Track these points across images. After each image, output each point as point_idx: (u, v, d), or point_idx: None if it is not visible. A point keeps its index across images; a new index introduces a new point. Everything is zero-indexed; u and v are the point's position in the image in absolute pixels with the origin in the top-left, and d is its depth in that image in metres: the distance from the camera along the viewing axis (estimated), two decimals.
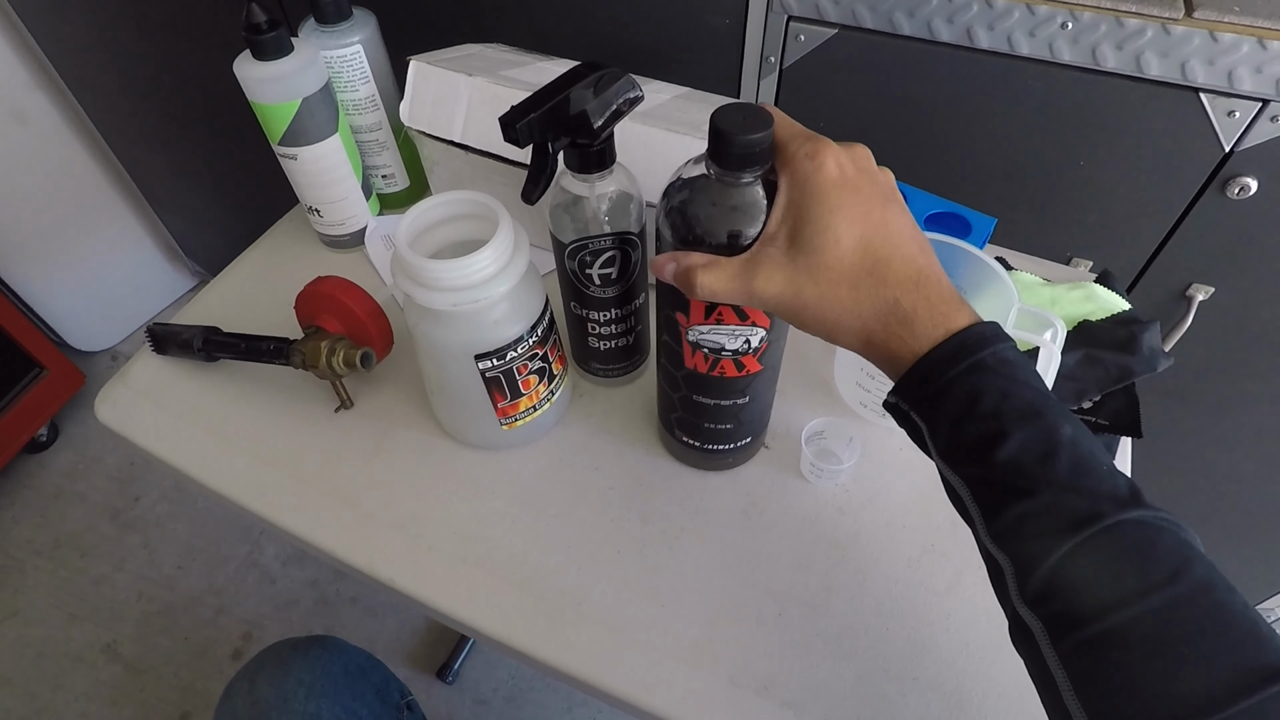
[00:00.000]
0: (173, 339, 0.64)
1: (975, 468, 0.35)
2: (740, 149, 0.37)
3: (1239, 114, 0.66)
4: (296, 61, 0.60)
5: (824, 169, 0.36)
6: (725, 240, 0.39)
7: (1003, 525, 0.34)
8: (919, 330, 0.36)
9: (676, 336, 0.46)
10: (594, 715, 1.21)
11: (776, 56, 0.78)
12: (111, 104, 1.39)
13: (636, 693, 0.48)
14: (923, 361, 0.35)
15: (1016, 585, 0.33)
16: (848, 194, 0.36)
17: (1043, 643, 0.32)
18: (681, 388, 0.50)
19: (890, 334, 0.36)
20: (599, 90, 0.44)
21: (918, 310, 0.36)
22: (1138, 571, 0.30)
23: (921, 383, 0.36)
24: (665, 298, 0.45)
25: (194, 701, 1.24)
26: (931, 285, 0.36)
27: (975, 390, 0.34)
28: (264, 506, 0.57)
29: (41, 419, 1.50)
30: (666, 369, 0.50)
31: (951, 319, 0.36)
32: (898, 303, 0.36)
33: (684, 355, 0.47)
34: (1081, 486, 0.32)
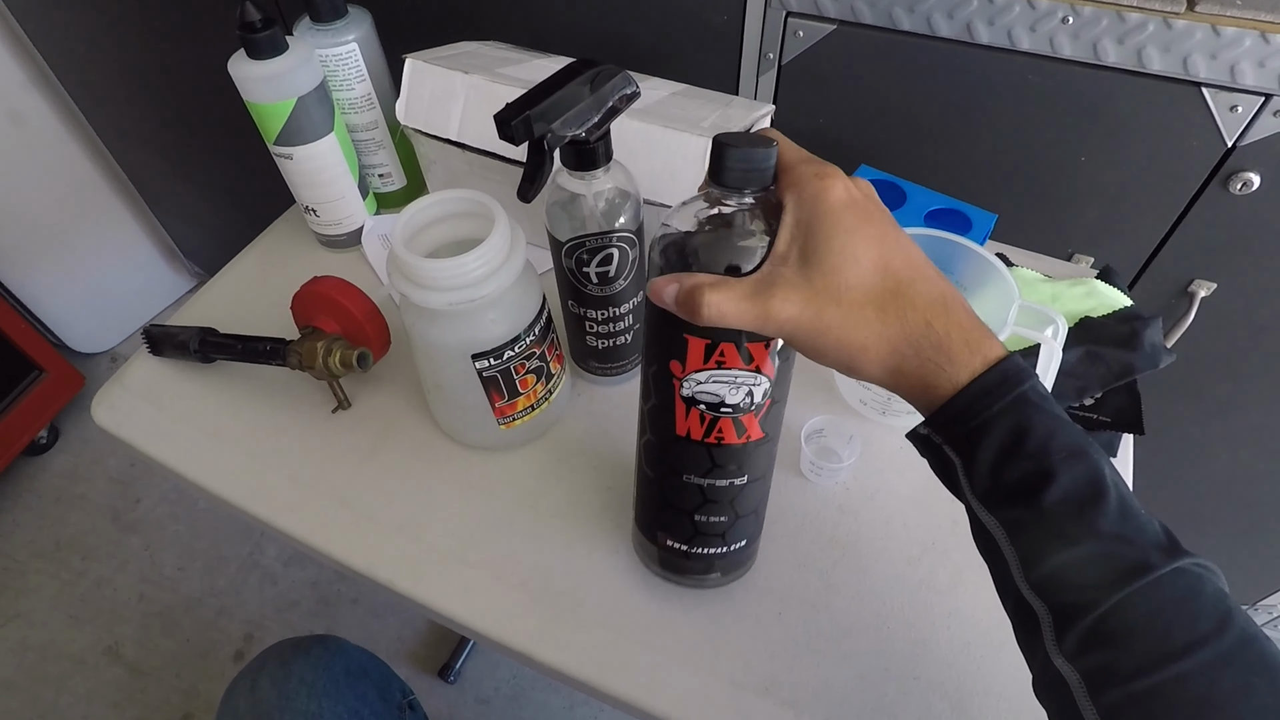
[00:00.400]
0: (169, 340, 0.63)
1: (1017, 510, 0.32)
2: (742, 162, 0.35)
3: (1241, 108, 0.66)
4: (291, 60, 0.59)
5: (834, 190, 0.34)
6: (724, 272, 0.36)
7: (1045, 573, 0.32)
8: (956, 357, 0.33)
9: (668, 395, 0.40)
10: (596, 714, 1.20)
11: (775, 53, 0.77)
12: (108, 104, 1.39)
13: (637, 694, 0.48)
14: (964, 393, 0.33)
15: (1054, 635, 0.31)
16: (860, 216, 0.34)
17: (1080, 696, 0.30)
18: (669, 469, 0.44)
19: (925, 361, 0.33)
20: (595, 87, 0.44)
21: (951, 335, 0.33)
22: (1186, 625, 0.29)
23: (962, 416, 0.33)
24: (657, 347, 0.39)
25: (196, 703, 1.24)
26: (959, 310, 0.34)
27: (1021, 426, 0.32)
28: (262, 508, 0.57)
29: (41, 421, 1.50)
30: (651, 448, 0.44)
31: (986, 347, 0.33)
32: (930, 326, 0.33)
33: (676, 419, 0.40)
34: (1128, 534, 0.31)
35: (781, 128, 0.73)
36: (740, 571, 0.51)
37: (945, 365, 0.33)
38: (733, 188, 0.35)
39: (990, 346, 0.34)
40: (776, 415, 0.41)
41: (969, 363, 0.33)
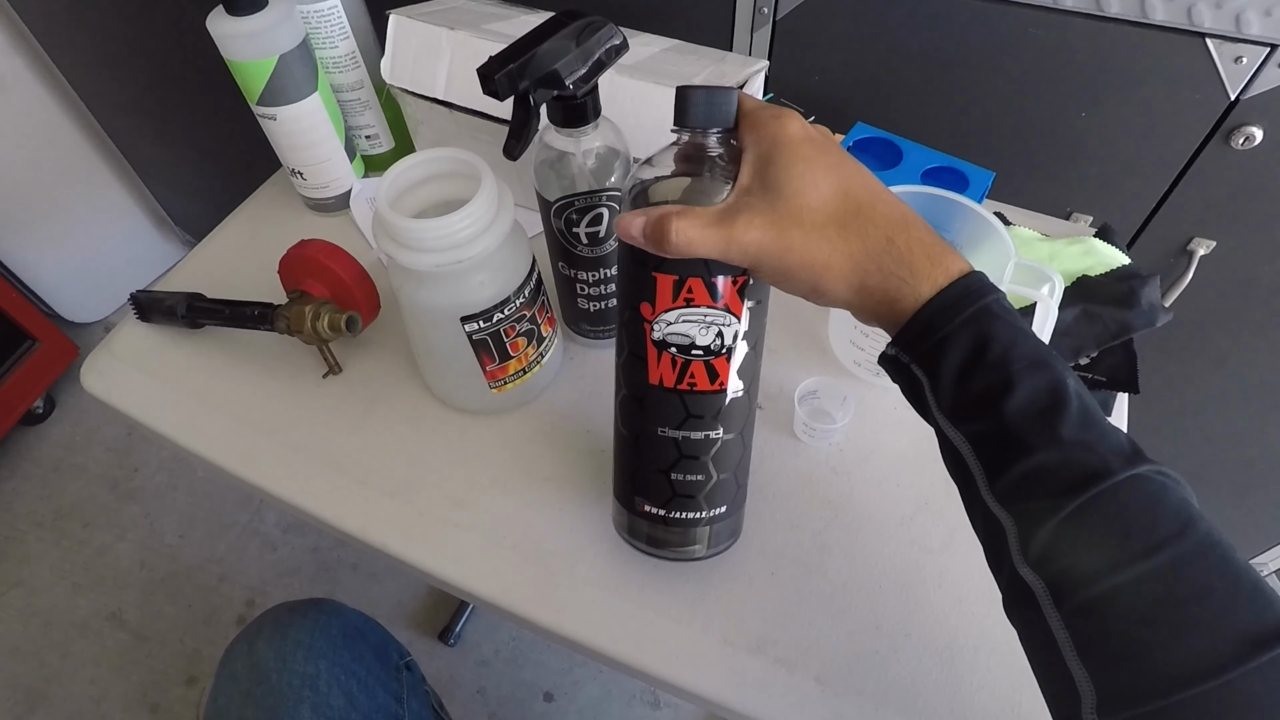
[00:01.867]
0: (156, 306, 0.63)
1: (980, 422, 0.33)
2: (702, 101, 0.37)
3: (1246, 60, 0.64)
4: (271, 16, 0.58)
5: (790, 126, 0.36)
6: (652, 200, 0.38)
7: (1008, 482, 0.32)
8: (919, 271, 0.34)
9: (640, 342, 0.40)
10: (595, 674, 1.22)
11: (770, 7, 0.75)
12: (92, 69, 1.36)
13: (630, 653, 0.48)
14: (927, 307, 0.34)
15: (1019, 545, 0.32)
16: (817, 148, 0.36)
17: (1045, 603, 0.31)
18: (644, 422, 0.42)
19: (888, 276, 0.34)
20: (581, 39, 0.43)
21: (913, 250, 0.34)
22: (1144, 529, 0.29)
23: (926, 330, 0.34)
24: (628, 290, 0.40)
25: (200, 667, 1.26)
26: (920, 228, 0.35)
27: (983, 337, 0.33)
28: (254, 473, 0.57)
29: (37, 391, 1.50)
30: (626, 404, 0.43)
31: (948, 261, 0.34)
32: (891, 242, 0.34)
33: (649, 366, 0.40)
34: (1089, 441, 0.31)
35: (776, 85, 0.72)
36: (723, 545, 0.48)
37: (908, 278, 0.34)
38: (695, 126, 0.38)
39: (952, 261, 0.34)
40: (752, 367, 0.41)
41: (931, 275, 0.34)
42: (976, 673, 0.46)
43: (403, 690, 0.71)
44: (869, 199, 0.35)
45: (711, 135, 0.38)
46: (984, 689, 0.45)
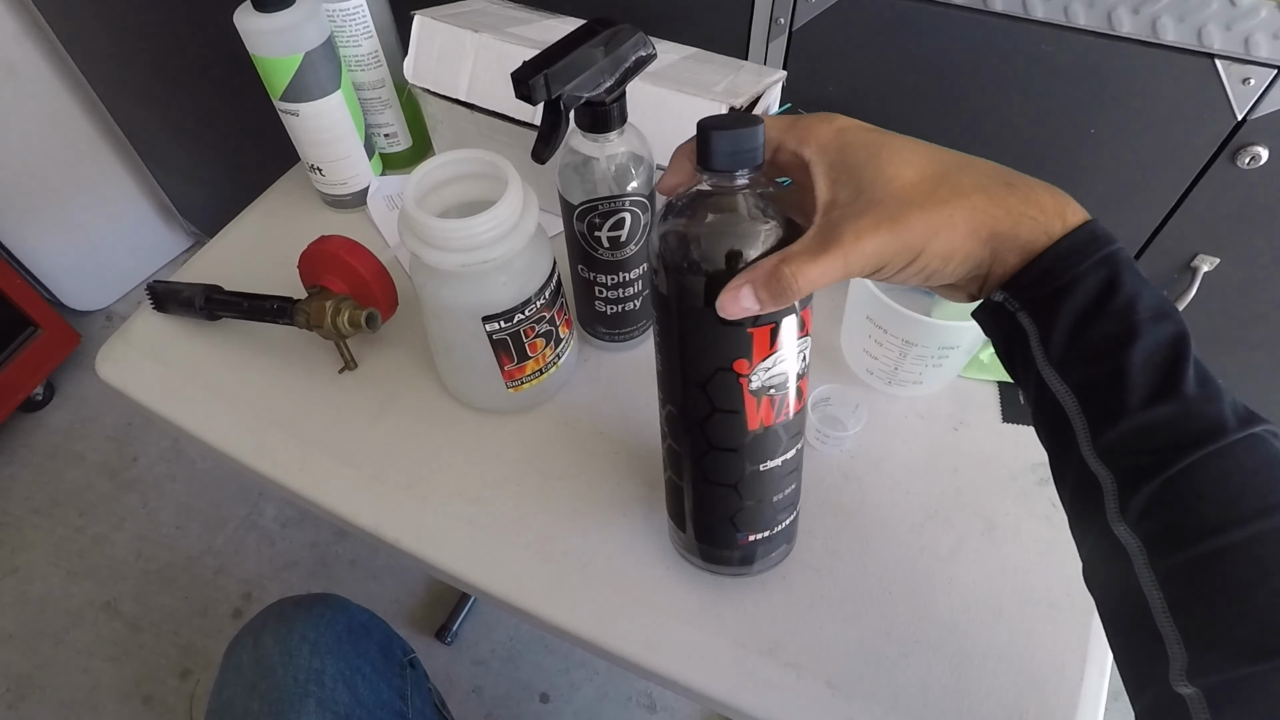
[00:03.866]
0: (173, 297, 0.63)
1: (1093, 370, 0.31)
2: (730, 144, 0.33)
3: (1254, 81, 0.65)
4: (298, 14, 0.58)
5: (844, 122, 0.35)
6: (724, 262, 0.34)
7: (1116, 436, 0.31)
8: (1048, 208, 0.32)
9: (735, 396, 0.38)
10: (591, 676, 1.22)
11: (786, 18, 0.76)
12: (105, 57, 1.36)
13: (641, 653, 0.48)
14: (1051, 250, 0.31)
15: (1118, 502, 0.30)
16: (882, 133, 0.34)
17: (1138, 562, 0.29)
18: (748, 463, 0.41)
19: (1019, 218, 0.32)
20: (612, 47, 0.43)
21: (1034, 189, 0.32)
22: (1260, 489, 0.28)
23: (1046, 274, 0.32)
24: (714, 356, 0.37)
25: (194, 659, 1.25)
26: (1021, 174, 0.33)
27: (1111, 283, 0.31)
28: (268, 466, 0.57)
29: (38, 378, 1.49)
30: (720, 459, 0.42)
31: (1070, 204, 0.32)
32: (1010, 186, 0.32)
33: (747, 416, 0.39)
34: (1207, 396, 0.30)
35: (790, 95, 0.73)
36: (792, 542, 0.50)
37: (1039, 216, 0.32)
38: (723, 171, 0.34)
39: (1069, 200, 0.32)
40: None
41: (1061, 214, 0.32)
42: (985, 679, 0.47)
43: (407, 687, 0.72)
44: (962, 159, 0.34)
45: (741, 177, 0.35)
46: (992, 696, 0.46)
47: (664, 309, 0.38)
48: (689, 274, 0.35)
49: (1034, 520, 0.53)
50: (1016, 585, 0.51)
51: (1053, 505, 0.54)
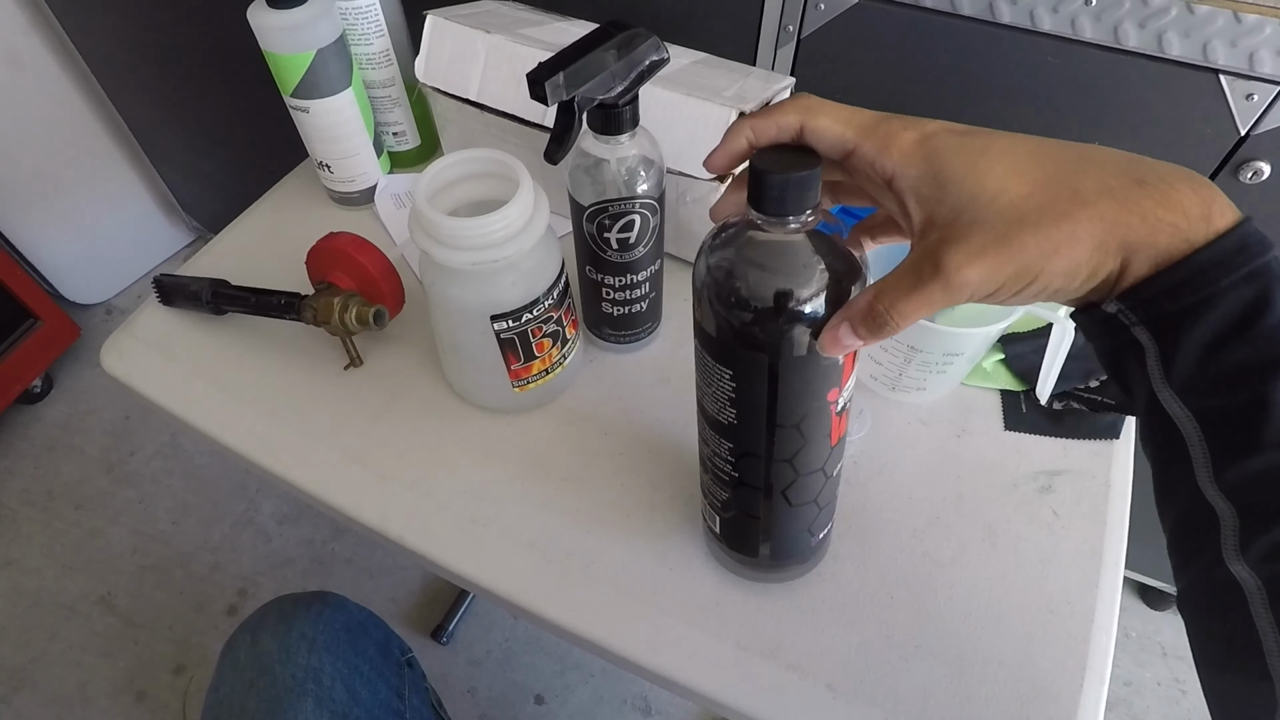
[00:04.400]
0: (180, 291, 0.63)
1: (1224, 398, 0.28)
2: (785, 190, 0.31)
3: (1257, 97, 0.66)
4: (311, 11, 0.59)
5: (928, 128, 0.30)
6: (773, 303, 0.33)
7: (1245, 472, 0.28)
8: (1190, 207, 0.27)
9: (824, 423, 0.38)
10: (586, 678, 1.22)
11: (795, 25, 0.77)
12: (110, 51, 1.36)
13: (643, 654, 0.49)
14: (1189, 262, 0.26)
15: (1237, 539, 0.28)
16: (970, 133, 0.30)
17: (1255, 602, 0.27)
18: (825, 480, 0.43)
19: (1156, 225, 0.27)
20: (626, 51, 0.44)
21: (1173, 184, 0.27)
22: None
23: (1178, 289, 0.27)
24: (812, 393, 0.36)
25: (188, 655, 1.25)
26: (1151, 161, 0.28)
27: (1258, 302, 0.26)
28: (272, 461, 0.57)
29: (36, 370, 1.49)
30: (804, 485, 0.42)
31: (1215, 191, 0.27)
32: (1143, 183, 0.27)
33: (832, 432, 0.39)
34: None
35: None
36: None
37: (1179, 221, 0.27)
38: (779, 215, 0.32)
39: (1217, 197, 0.27)
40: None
41: (1206, 215, 0.27)
42: (985, 685, 0.47)
43: (404, 686, 0.72)
44: (1074, 153, 0.29)
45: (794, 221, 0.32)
46: (992, 701, 0.46)
47: (748, 364, 0.35)
48: (789, 325, 0.33)
49: (1035, 528, 0.54)
50: (1017, 592, 0.51)
51: (1054, 514, 0.54)
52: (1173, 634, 1.28)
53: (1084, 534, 0.53)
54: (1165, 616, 1.30)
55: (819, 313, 0.32)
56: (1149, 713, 1.21)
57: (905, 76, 0.77)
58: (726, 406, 0.38)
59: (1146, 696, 1.22)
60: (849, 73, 0.79)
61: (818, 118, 0.32)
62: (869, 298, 0.31)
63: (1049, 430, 0.59)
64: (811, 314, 0.32)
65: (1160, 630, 1.29)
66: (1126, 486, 0.56)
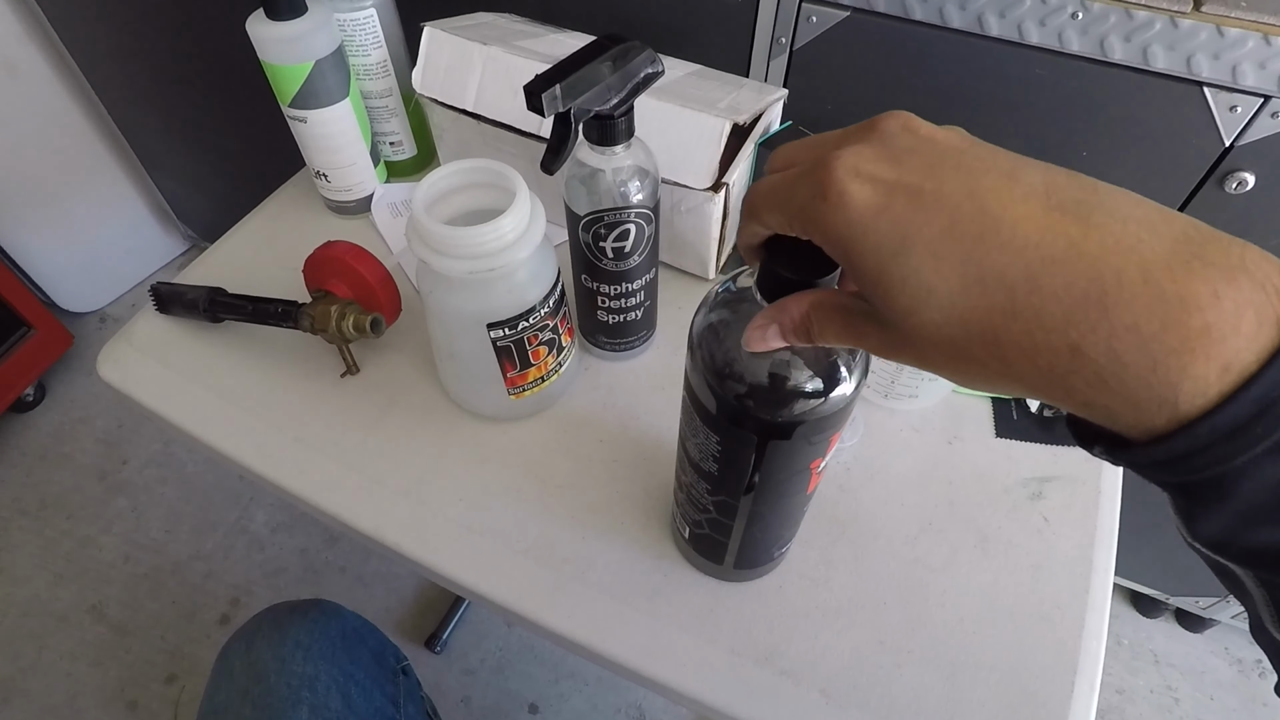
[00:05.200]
0: (177, 299, 0.63)
1: (1271, 570, 0.22)
2: (794, 288, 0.30)
3: (1241, 109, 0.67)
4: (310, 22, 0.59)
5: (844, 201, 0.24)
6: (766, 380, 0.33)
7: None
8: (1136, 394, 0.20)
9: (804, 482, 0.40)
10: (580, 687, 1.22)
11: (787, 37, 0.78)
12: (106, 59, 1.37)
13: (638, 660, 0.49)
14: (1171, 442, 0.20)
15: None
16: (904, 215, 0.23)
17: None
18: (800, 511, 0.46)
19: (1086, 405, 0.22)
20: (621, 63, 0.44)
21: (1121, 357, 0.20)
22: None
23: (1172, 465, 0.21)
24: (796, 469, 0.37)
25: (180, 665, 1.25)
26: (1134, 294, 0.20)
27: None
28: (269, 469, 0.57)
29: (29, 378, 1.48)
30: (778, 517, 0.44)
31: (1200, 355, 0.19)
32: (1077, 354, 0.20)
33: (810, 484, 0.41)
34: None
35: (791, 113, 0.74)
36: None
37: (1122, 409, 0.21)
38: None
39: (1214, 351, 0.19)
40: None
41: (1168, 401, 0.20)
42: (977, 690, 0.47)
43: (399, 695, 0.72)
44: (1023, 273, 0.21)
45: None
46: (984, 707, 0.47)
47: (736, 438, 0.36)
48: (782, 417, 0.34)
49: (1026, 534, 0.54)
50: (1008, 597, 0.51)
51: (1044, 520, 0.55)
52: (1165, 641, 1.29)
53: (1074, 540, 0.54)
54: (1157, 624, 1.31)
55: (817, 392, 0.33)
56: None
57: (896, 89, 0.78)
58: (709, 459, 0.39)
59: (1139, 704, 1.23)
60: (840, 84, 0.80)
61: (761, 218, 0.28)
62: (804, 309, 0.28)
63: (1040, 437, 0.59)
64: (808, 396, 0.33)
65: (1152, 637, 1.30)
66: (1116, 493, 0.57)
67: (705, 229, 0.63)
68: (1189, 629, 1.30)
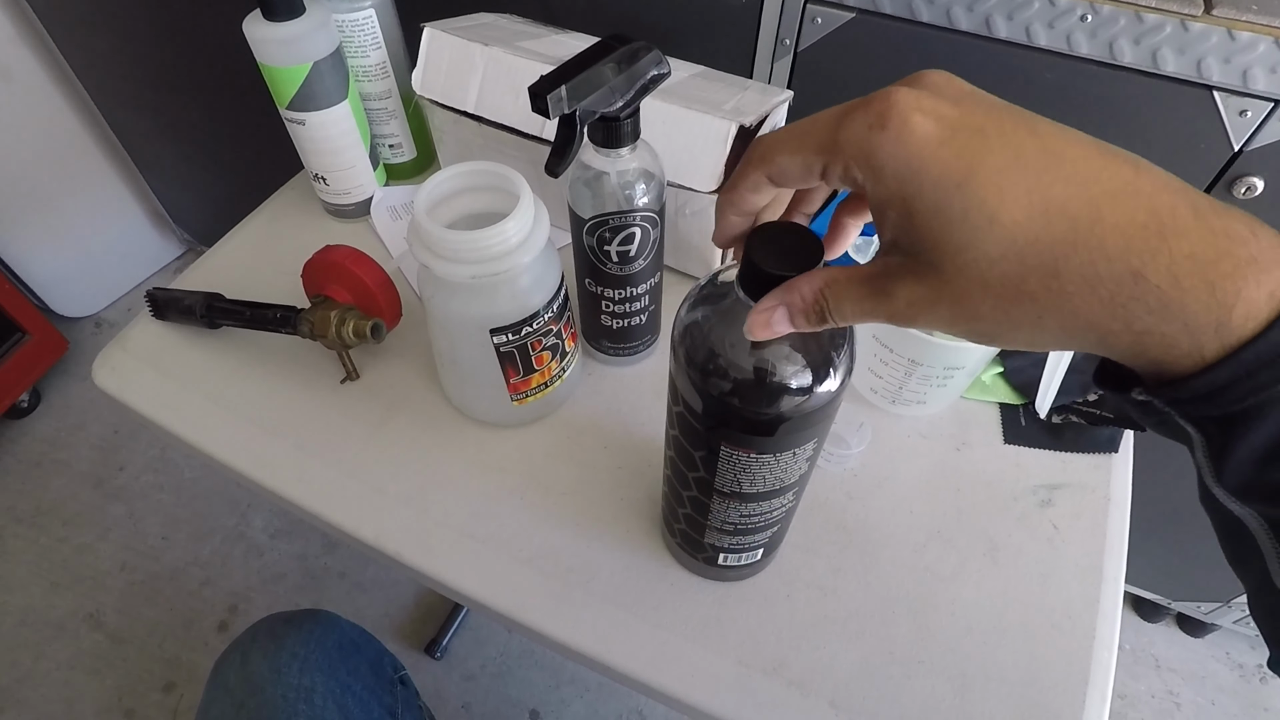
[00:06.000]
0: (174, 305, 0.63)
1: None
2: (775, 283, 0.29)
3: (1250, 113, 0.66)
4: (308, 24, 0.59)
5: (908, 130, 0.24)
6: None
7: None
8: (1198, 319, 0.21)
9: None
10: (581, 693, 1.21)
11: (792, 39, 0.77)
12: (100, 62, 1.36)
13: (644, 670, 0.48)
14: (1221, 370, 0.22)
15: None
16: (968, 144, 0.23)
17: None
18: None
19: (1141, 334, 0.22)
20: (627, 64, 0.44)
21: (1181, 281, 0.21)
22: None
23: (1215, 396, 0.22)
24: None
25: (178, 673, 1.23)
26: (1187, 226, 0.21)
27: None
28: (268, 477, 0.57)
29: (24, 384, 1.47)
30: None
31: (1252, 281, 0.21)
32: (1140, 277, 0.21)
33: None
34: None
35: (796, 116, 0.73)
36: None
37: (1179, 336, 0.22)
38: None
39: (1260, 279, 0.21)
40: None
41: (1217, 318, 0.21)
42: (987, 701, 0.47)
43: (397, 704, 0.71)
44: (1086, 205, 0.22)
45: None
46: (995, 718, 0.46)
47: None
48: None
49: (1036, 542, 0.53)
50: (1018, 607, 0.51)
51: (1054, 528, 0.54)
52: (1166, 646, 1.29)
53: (1084, 548, 0.53)
54: (1159, 629, 1.30)
55: (803, 389, 0.33)
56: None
57: None
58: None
59: (1141, 709, 1.22)
60: (845, 86, 0.79)
61: (775, 161, 0.28)
62: (817, 287, 0.28)
63: (1048, 444, 0.59)
64: (794, 393, 0.33)
65: (1154, 643, 1.29)
66: (1125, 500, 0.56)
67: (710, 232, 0.62)
68: (1190, 634, 1.30)
